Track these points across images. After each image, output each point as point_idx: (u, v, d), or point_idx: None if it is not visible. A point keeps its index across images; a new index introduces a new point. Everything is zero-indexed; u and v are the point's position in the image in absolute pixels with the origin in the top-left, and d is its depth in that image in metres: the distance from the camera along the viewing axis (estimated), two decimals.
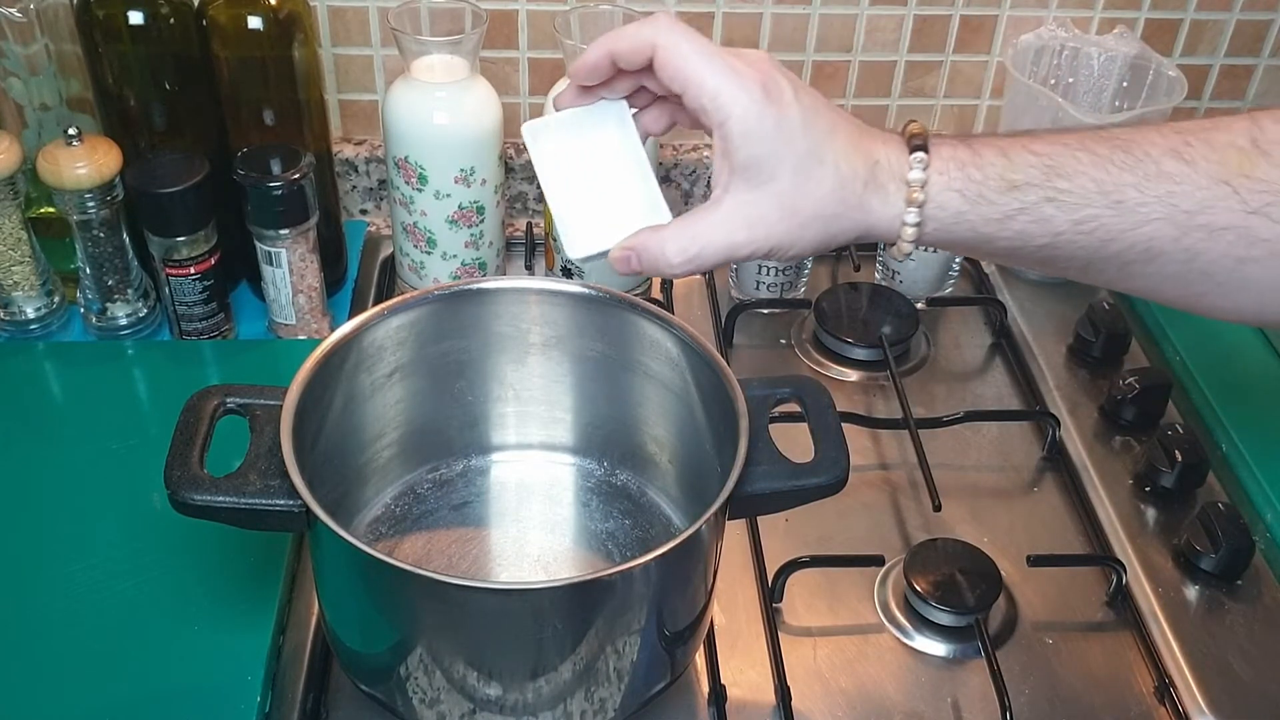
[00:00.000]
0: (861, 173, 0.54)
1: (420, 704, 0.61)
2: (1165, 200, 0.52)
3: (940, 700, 0.70)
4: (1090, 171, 0.53)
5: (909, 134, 0.55)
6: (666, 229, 0.57)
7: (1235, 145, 0.52)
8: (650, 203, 0.60)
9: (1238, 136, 0.53)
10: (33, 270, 0.88)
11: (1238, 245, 0.52)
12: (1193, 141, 0.53)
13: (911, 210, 0.54)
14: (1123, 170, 0.53)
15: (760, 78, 0.53)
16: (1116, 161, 0.53)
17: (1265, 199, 0.51)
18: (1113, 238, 0.53)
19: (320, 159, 0.89)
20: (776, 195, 0.54)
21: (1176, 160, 0.53)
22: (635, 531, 0.74)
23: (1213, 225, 0.52)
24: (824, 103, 0.55)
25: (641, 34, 0.54)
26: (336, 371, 0.66)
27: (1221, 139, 0.53)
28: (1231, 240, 0.52)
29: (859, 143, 0.55)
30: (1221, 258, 0.53)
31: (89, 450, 0.79)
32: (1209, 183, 0.52)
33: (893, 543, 0.79)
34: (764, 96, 0.53)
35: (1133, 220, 0.53)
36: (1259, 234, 0.52)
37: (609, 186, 0.60)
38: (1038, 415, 0.89)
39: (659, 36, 0.54)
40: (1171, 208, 0.52)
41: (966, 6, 1.01)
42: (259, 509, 0.59)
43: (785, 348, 0.96)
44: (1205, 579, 0.77)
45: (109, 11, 0.81)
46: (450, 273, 0.94)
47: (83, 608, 0.69)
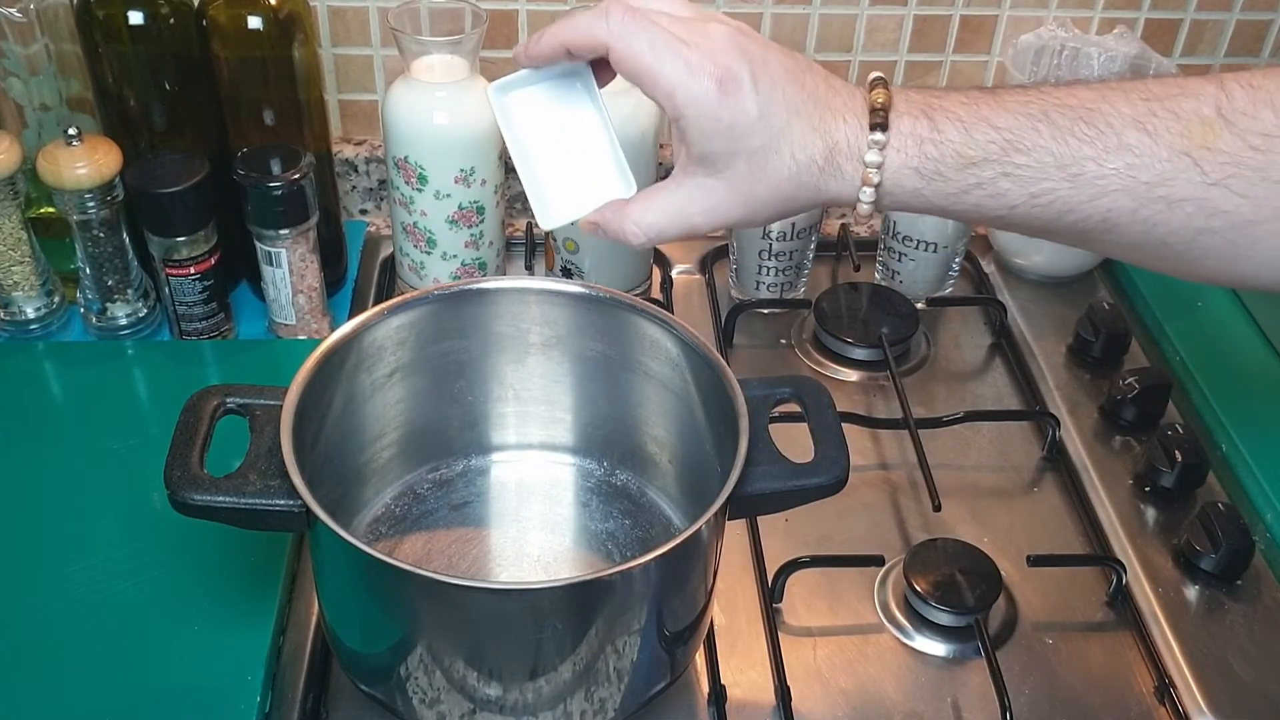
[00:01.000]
0: (819, 159, 0.54)
1: (420, 704, 0.61)
2: (1124, 173, 0.52)
3: (940, 700, 0.70)
4: (1049, 145, 0.53)
5: (871, 104, 0.54)
6: (631, 206, 0.59)
7: (1200, 115, 0.52)
8: (617, 170, 0.61)
9: (1204, 104, 0.52)
10: (33, 270, 0.88)
11: (1196, 217, 0.52)
12: (1158, 110, 0.52)
13: (867, 189, 0.55)
14: (1083, 143, 0.52)
15: (717, 71, 0.53)
16: (1077, 133, 0.52)
17: (1226, 171, 0.51)
18: (1069, 209, 0.53)
19: (320, 159, 0.89)
20: (733, 181, 0.55)
21: (1139, 131, 0.52)
22: (635, 531, 0.74)
23: (1172, 197, 0.52)
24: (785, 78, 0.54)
25: (594, 30, 0.54)
26: (336, 371, 0.66)
27: (1188, 107, 0.52)
28: (1190, 212, 0.52)
29: (818, 125, 0.54)
30: (1180, 229, 0.53)
31: (89, 450, 0.79)
32: (1170, 155, 0.51)
33: (893, 543, 0.79)
34: (719, 93, 0.53)
35: (1090, 192, 0.52)
36: (1219, 206, 0.51)
37: (577, 152, 0.61)
38: (1038, 415, 0.89)
39: (612, 31, 0.53)
40: (1130, 179, 0.52)
41: (966, 6, 1.01)
42: (259, 509, 0.59)
43: (785, 348, 0.96)
44: (1205, 579, 0.77)
45: (109, 11, 0.81)
46: (450, 273, 0.94)
47: (83, 608, 0.69)
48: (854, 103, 0.55)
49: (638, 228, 0.58)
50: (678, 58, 0.53)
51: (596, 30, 0.54)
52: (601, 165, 0.62)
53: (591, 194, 0.61)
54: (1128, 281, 1.03)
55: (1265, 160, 0.51)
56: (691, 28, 0.54)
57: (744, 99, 0.53)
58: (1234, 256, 0.53)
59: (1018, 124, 0.53)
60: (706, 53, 0.53)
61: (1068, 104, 0.53)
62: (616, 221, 0.58)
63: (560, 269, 0.96)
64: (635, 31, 0.53)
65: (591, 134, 0.61)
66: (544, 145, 0.61)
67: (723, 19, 0.56)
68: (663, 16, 0.54)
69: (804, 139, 0.54)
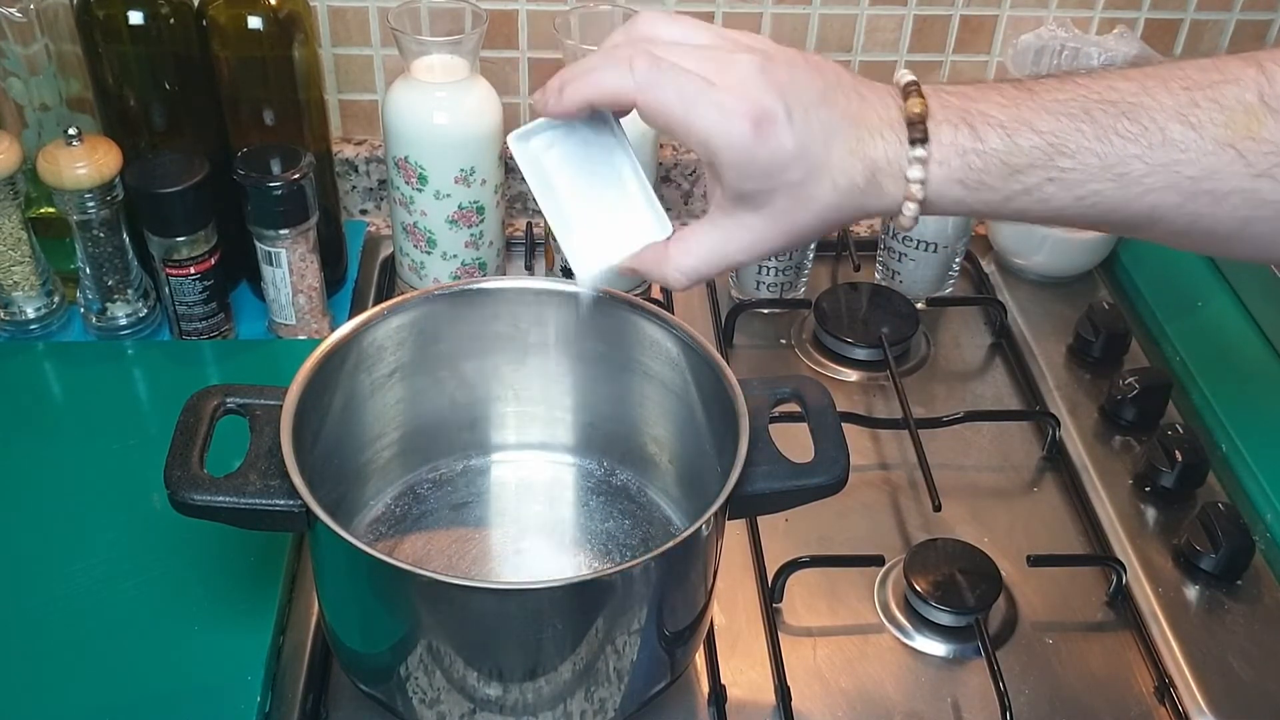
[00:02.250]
0: (860, 182, 0.53)
1: (420, 704, 0.61)
2: (1170, 169, 0.51)
3: (940, 700, 0.70)
4: (1093, 145, 0.51)
5: (909, 117, 0.53)
6: (669, 248, 0.57)
7: (1243, 102, 0.51)
8: (650, 212, 0.60)
9: (1246, 91, 0.51)
10: (33, 270, 0.88)
11: (1243, 208, 0.52)
12: (1200, 100, 0.51)
13: (911, 204, 0.53)
14: (1127, 141, 0.51)
15: (751, 111, 0.51)
16: (1120, 130, 0.51)
17: (1272, 160, 0.50)
18: (1115, 208, 0.53)
19: (320, 159, 0.89)
20: (773, 216, 0.54)
21: (1182, 125, 0.51)
22: (635, 531, 0.74)
23: (1218, 191, 0.51)
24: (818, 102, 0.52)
25: (620, 87, 0.52)
26: (336, 371, 0.66)
27: (1231, 95, 0.51)
28: (1237, 204, 0.51)
29: (856, 147, 0.53)
30: (1227, 219, 0.52)
31: (89, 450, 0.79)
32: (1215, 147, 0.51)
33: (893, 543, 0.79)
34: (755, 134, 0.51)
35: (1136, 191, 0.52)
36: (1265, 196, 0.51)
37: (606, 197, 0.60)
38: (1038, 415, 0.89)
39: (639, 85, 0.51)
40: (1176, 175, 0.51)
41: (966, 6, 1.01)
42: (259, 509, 0.59)
43: (785, 348, 0.96)
44: (1205, 579, 0.77)
45: (109, 11, 0.81)
46: (450, 273, 0.94)
47: (83, 608, 0.69)
48: (889, 113, 0.53)
49: (679, 272, 0.56)
50: (709, 103, 0.51)
51: (623, 87, 0.52)
52: (634, 208, 0.60)
53: (628, 238, 0.59)
54: (1128, 281, 1.03)
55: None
56: (718, 62, 0.52)
57: (780, 136, 0.51)
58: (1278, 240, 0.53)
59: (1060, 126, 0.52)
60: (737, 92, 0.51)
61: (1108, 99, 0.52)
62: (657, 266, 0.57)
63: (560, 269, 0.96)
64: (662, 83, 0.51)
65: (620, 175, 0.59)
66: (574, 191, 0.59)
67: (748, 44, 0.53)
68: (687, 53, 0.52)
69: (844, 164, 0.53)
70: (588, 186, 0.59)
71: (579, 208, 0.59)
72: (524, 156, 0.59)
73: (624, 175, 0.59)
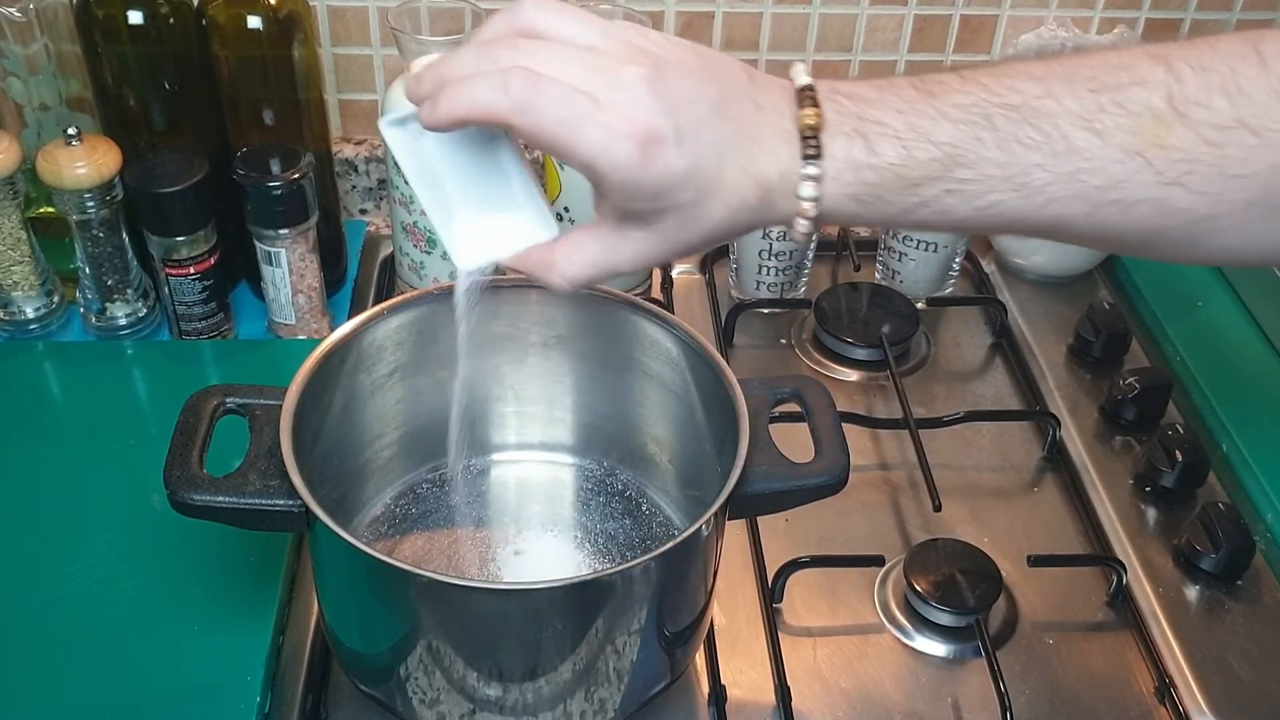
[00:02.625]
0: (752, 200, 0.51)
1: (420, 704, 0.61)
2: (1074, 178, 0.49)
3: (940, 700, 0.70)
4: (994, 155, 0.49)
5: (803, 130, 0.49)
6: (556, 254, 0.54)
7: (1151, 107, 0.48)
8: (534, 211, 0.57)
9: (1154, 94, 0.48)
10: (32, 270, 0.88)
11: (1153, 216, 0.50)
12: (1106, 105, 0.49)
13: (803, 220, 0.51)
14: (1029, 149, 0.49)
15: (637, 133, 0.47)
16: (1022, 139, 0.49)
17: (1181, 169, 0.48)
18: (1019, 218, 0.50)
19: (320, 159, 0.89)
20: (662, 233, 0.51)
21: (1087, 132, 0.48)
22: (635, 531, 0.74)
23: (1126, 200, 0.49)
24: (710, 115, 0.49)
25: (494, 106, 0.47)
26: (336, 371, 0.66)
27: (1138, 99, 0.48)
28: (1147, 212, 0.49)
29: (748, 165, 0.50)
30: (1137, 228, 0.50)
31: (89, 450, 0.79)
32: (1122, 155, 0.48)
33: (893, 543, 0.79)
34: (642, 157, 0.47)
35: (1039, 201, 0.50)
36: (1175, 204, 0.49)
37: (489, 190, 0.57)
38: (1038, 415, 0.89)
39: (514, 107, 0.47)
40: (1081, 184, 0.49)
41: (966, 6, 1.01)
42: (259, 509, 0.59)
43: (785, 348, 0.96)
44: (1205, 579, 0.77)
45: (109, 11, 0.81)
46: (450, 273, 0.94)
47: (83, 608, 0.69)
48: (783, 124, 0.50)
49: (564, 279, 0.54)
50: (594, 124, 0.47)
51: (497, 107, 0.48)
52: (519, 205, 0.57)
53: (512, 235, 0.56)
54: (1128, 281, 1.03)
55: (1221, 155, 0.48)
56: (604, 75, 0.48)
57: (669, 158, 0.48)
58: (1194, 245, 0.51)
59: (959, 135, 0.49)
60: (624, 112, 0.47)
61: (1010, 103, 0.49)
62: (542, 270, 0.55)
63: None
64: (540, 107, 0.47)
65: (504, 169, 0.56)
66: (455, 183, 0.56)
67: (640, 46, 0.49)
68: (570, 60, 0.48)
69: (736, 182, 0.50)
70: (469, 178, 0.56)
71: (460, 199, 0.56)
72: (398, 142, 0.55)
73: (508, 170, 0.57)
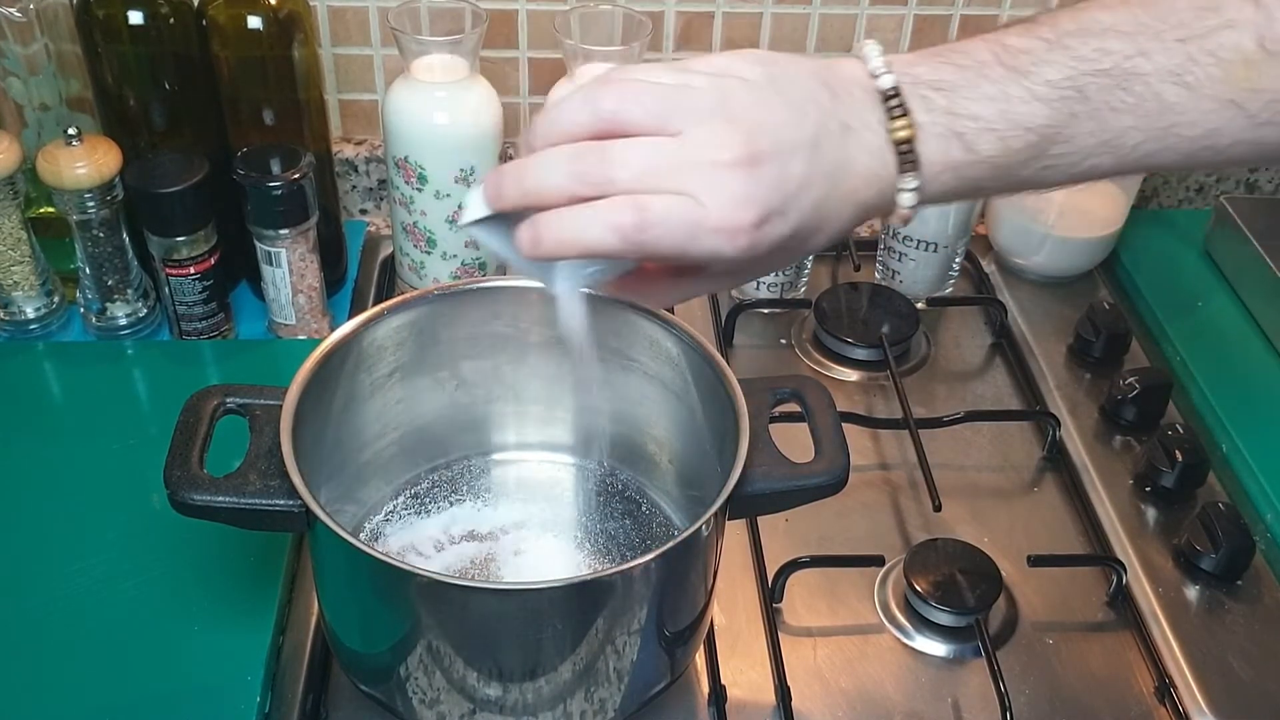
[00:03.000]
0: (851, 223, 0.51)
1: (420, 704, 0.61)
2: (1169, 132, 0.50)
3: (940, 700, 0.70)
4: (1087, 127, 0.50)
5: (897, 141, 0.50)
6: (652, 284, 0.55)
7: (1241, 50, 0.48)
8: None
9: (1244, 35, 0.48)
10: (32, 270, 0.88)
11: (1247, 155, 0.51)
12: (1197, 55, 0.49)
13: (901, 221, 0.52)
14: (1120, 114, 0.50)
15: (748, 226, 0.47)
16: (1115, 104, 0.49)
17: (1275, 108, 0.49)
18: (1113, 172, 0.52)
19: (320, 159, 0.89)
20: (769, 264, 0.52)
21: (1179, 86, 0.49)
22: (635, 531, 0.74)
23: (1219, 145, 0.50)
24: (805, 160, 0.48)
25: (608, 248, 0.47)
26: (336, 371, 0.66)
27: (1229, 43, 0.48)
28: (1242, 152, 0.51)
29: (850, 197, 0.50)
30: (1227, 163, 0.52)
31: (89, 450, 0.79)
32: (1214, 105, 0.49)
33: (893, 543, 0.79)
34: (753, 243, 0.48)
35: (1134, 157, 0.51)
36: (1269, 141, 0.50)
37: None
38: (1038, 415, 0.89)
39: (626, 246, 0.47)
40: (1176, 138, 0.50)
41: (966, 6, 1.01)
42: (259, 509, 0.59)
43: (785, 348, 0.96)
44: (1205, 579, 0.77)
45: (109, 11, 0.81)
46: (450, 273, 0.94)
47: (83, 608, 0.69)
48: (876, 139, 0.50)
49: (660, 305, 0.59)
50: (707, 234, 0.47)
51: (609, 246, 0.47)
52: None
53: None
54: (1128, 281, 1.03)
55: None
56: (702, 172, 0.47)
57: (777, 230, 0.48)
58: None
59: (1053, 115, 0.50)
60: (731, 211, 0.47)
61: (1102, 68, 0.49)
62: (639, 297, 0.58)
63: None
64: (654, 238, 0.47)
65: None
66: None
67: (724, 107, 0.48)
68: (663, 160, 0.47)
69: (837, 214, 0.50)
70: None
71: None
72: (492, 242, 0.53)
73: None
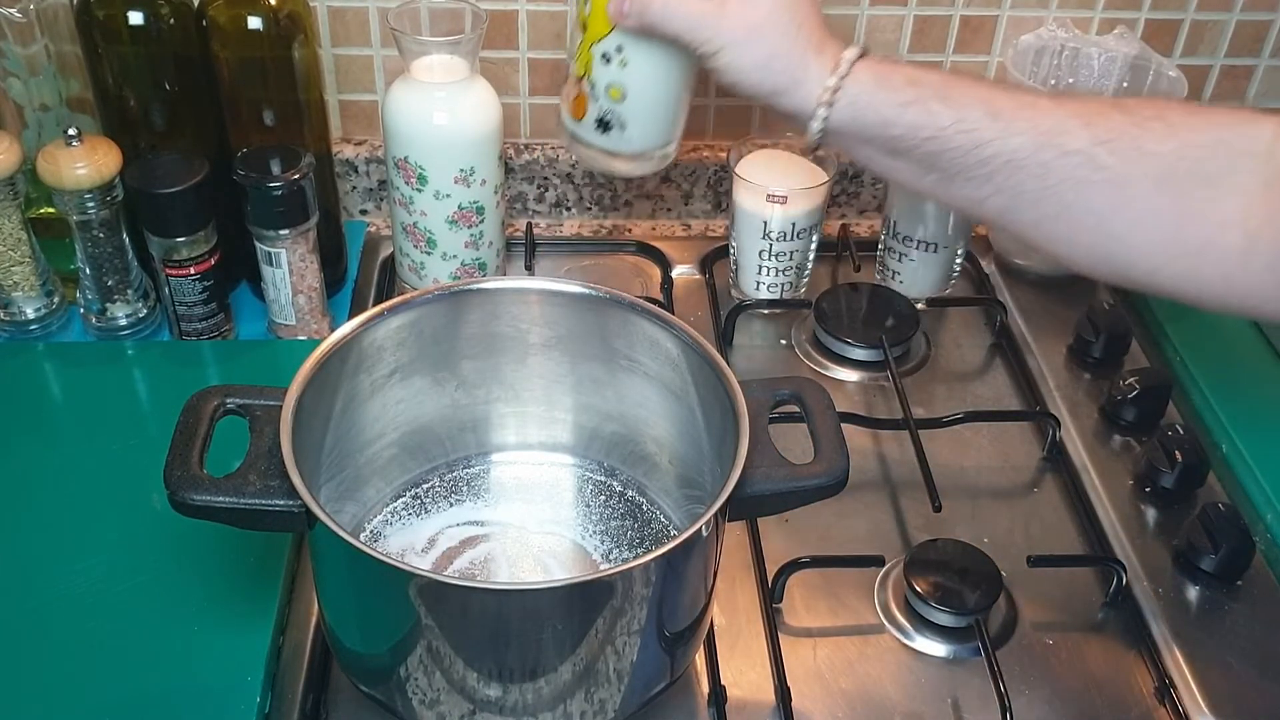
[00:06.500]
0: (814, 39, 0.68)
1: (420, 704, 0.61)
2: (1031, 120, 0.65)
3: (940, 700, 0.70)
4: (977, 90, 0.67)
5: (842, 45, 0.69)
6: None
7: (1099, 102, 0.67)
8: None
9: (1104, 103, 0.67)
10: (33, 270, 0.88)
11: (1083, 168, 0.64)
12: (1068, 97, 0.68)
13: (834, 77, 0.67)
14: (1003, 95, 0.67)
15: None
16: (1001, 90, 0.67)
17: (1109, 135, 0.64)
18: (985, 142, 0.65)
19: (320, 159, 0.89)
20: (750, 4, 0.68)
21: (1050, 100, 0.67)
22: (635, 531, 0.74)
23: (1064, 147, 0.64)
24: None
25: None
26: (336, 372, 0.66)
27: (1091, 100, 0.68)
28: (1078, 162, 0.64)
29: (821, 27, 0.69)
30: (1068, 178, 0.64)
31: (89, 450, 0.79)
32: (1067, 116, 0.65)
33: (893, 543, 0.79)
34: None
35: (1001, 129, 0.65)
36: (1100, 161, 0.64)
37: None
38: (1038, 415, 0.89)
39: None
40: (1034, 125, 0.65)
41: (966, 6, 1.01)
42: (259, 509, 0.59)
43: (785, 348, 0.96)
44: (1205, 579, 0.77)
45: (109, 12, 0.81)
46: (450, 273, 0.94)
47: (83, 608, 0.69)
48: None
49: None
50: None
51: None
52: None
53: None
54: None
55: (1141, 133, 0.64)
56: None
57: None
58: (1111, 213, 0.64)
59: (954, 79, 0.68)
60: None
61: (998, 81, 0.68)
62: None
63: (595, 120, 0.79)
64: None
65: None
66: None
67: None
68: None
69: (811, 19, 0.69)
70: None
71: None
72: None
73: None
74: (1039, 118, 0.65)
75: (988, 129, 0.65)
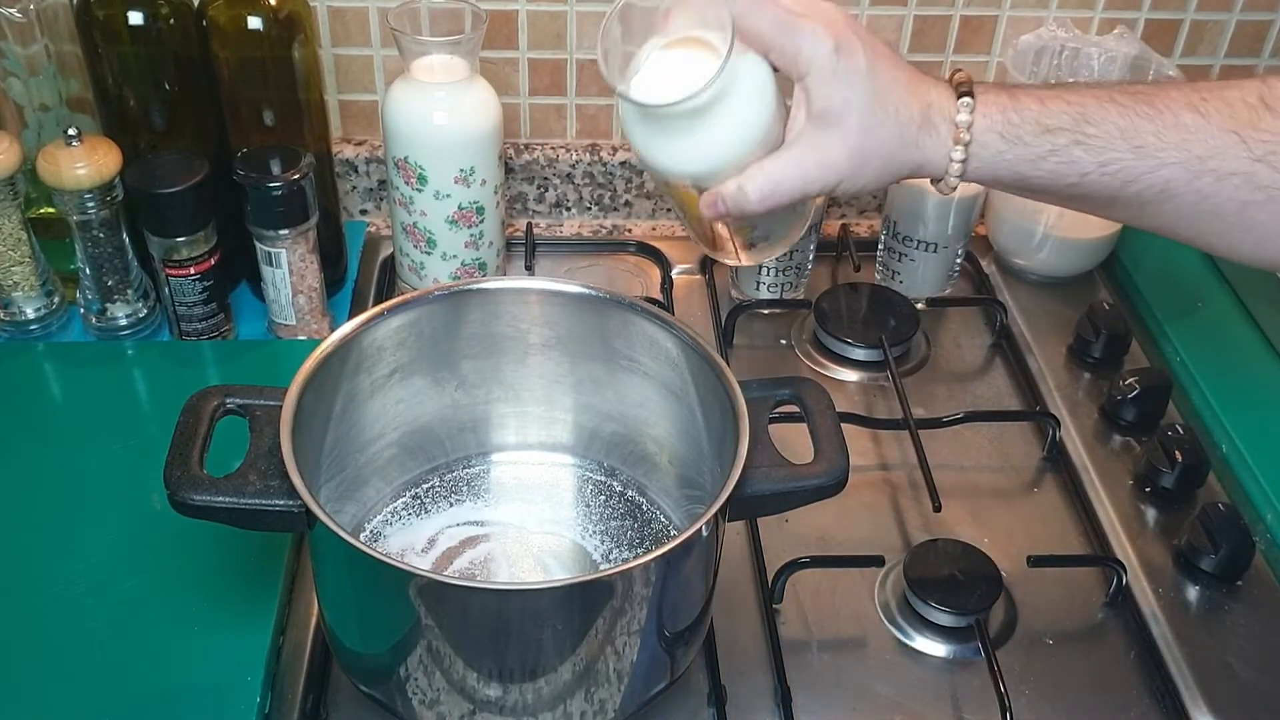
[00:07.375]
0: (916, 116, 0.60)
1: (420, 704, 0.61)
2: (1180, 146, 0.59)
3: (940, 700, 0.70)
4: (1115, 119, 0.60)
5: (956, 82, 0.61)
6: (746, 173, 0.61)
7: (1245, 101, 0.59)
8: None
9: (1248, 94, 0.59)
10: (33, 270, 0.88)
11: (1243, 189, 0.59)
12: (1208, 97, 0.59)
13: (958, 148, 0.60)
14: (1144, 119, 0.59)
15: (833, 36, 0.58)
16: (1139, 112, 0.60)
17: (1268, 148, 0.58)
18: (1133, 179, 0.60)
19: (320, 159, 0.89)
20: (843, 136, 0.60)
21: (1192, 113, 0.59)
22: (635, 531, 0.74)
23: (1221, 170, 0.59)
24: (887, 55, 0.61)
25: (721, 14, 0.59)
26: (336, 372, 0.66)
27: (1234, 95, 0.59)
28: (1238, 184, 0.59)
29: (915, 89, 0.61)
30: (1228, 200, 0.59)
31: (89, 450, 0.79)
32: (1219, 132, 0.58)
33: (893, 543, 0.79)
34: (835, 53, 0.58)
35: (1151, 164, 0.59)
36: (1261, 180, 0.58)
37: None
38: (1038, 415, 0.89)
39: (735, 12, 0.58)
40: (1185, 153, 0.59)
41: (966, 6, 1.01)
42: (259, 509, 0.59)
43: (785, 348, 0.96)
44: (1205, 579, 0.77)
45: (109, 12, 0.81)
46: (450, 273, 0.94)
47: (83, 608, 0.69)
48: (940, 81, 0.62)
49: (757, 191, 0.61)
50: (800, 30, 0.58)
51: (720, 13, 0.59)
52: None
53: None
54: (1128, 281, 1.03)
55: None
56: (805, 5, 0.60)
57: (857, 57, 0.59)
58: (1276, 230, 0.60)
59: (1087, 101, 0.60)
60: (823, 23, 0.59)
61: (1129, 91, 0.61)
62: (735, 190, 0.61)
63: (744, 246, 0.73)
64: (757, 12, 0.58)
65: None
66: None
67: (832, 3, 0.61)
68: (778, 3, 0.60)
69: (904, 99, 0.60)
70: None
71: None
72: None
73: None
74: (1189, 141, 0.59)
75: (1135, 166, 0.60)
